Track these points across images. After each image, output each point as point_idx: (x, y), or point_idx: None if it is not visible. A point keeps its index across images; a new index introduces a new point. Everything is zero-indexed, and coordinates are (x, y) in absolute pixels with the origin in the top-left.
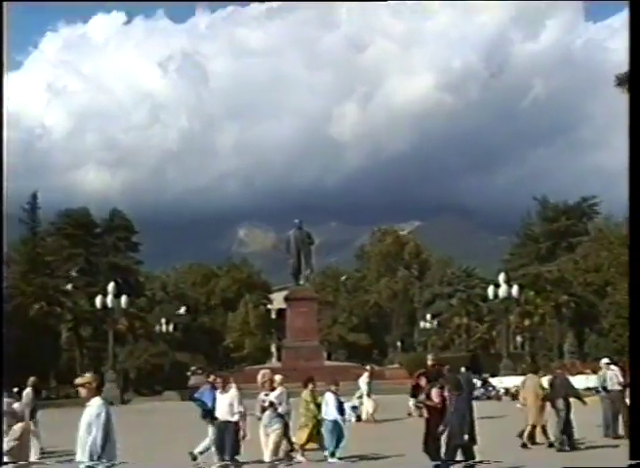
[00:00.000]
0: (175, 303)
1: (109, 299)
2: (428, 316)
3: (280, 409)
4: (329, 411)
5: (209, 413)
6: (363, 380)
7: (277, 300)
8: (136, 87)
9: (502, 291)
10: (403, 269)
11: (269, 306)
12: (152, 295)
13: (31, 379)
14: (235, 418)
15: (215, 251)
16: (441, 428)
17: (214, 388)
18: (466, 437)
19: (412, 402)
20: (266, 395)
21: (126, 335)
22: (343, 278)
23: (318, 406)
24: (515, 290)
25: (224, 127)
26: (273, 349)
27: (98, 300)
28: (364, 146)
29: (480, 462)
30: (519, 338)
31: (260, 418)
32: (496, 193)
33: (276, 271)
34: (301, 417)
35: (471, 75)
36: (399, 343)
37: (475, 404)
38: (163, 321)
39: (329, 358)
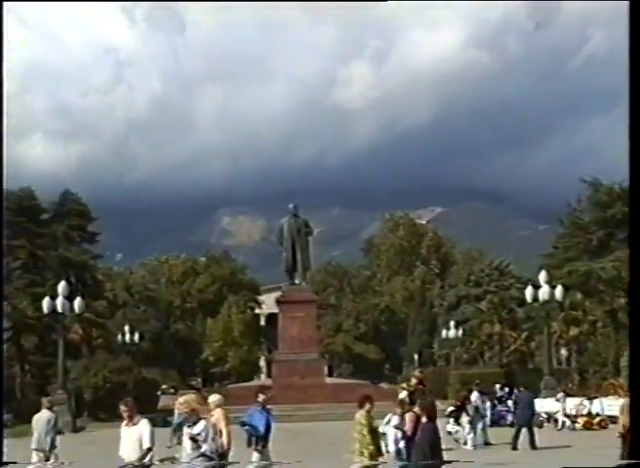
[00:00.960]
0: (142, 307)
1: (59, 302)
2: (452, 323)
3: (205, 448)
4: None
5: (261, 440)
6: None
7: (267, 303)
8: (95, 39)
9: (543, 292)
10: (420, 265)
11: (258, 310)
12: (114, 297)
13: None
14: (145, 459)
15: (192, 242)
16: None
17: (265, 410)
18: None
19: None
20: (189, 427)
21: (80, 347)
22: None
23: (374, 431)
24: (559, 291)
25: (205, 91)
26: (262, 363)
27: (45, 303)
28: (375, 117)
29: None
30: (564, 351)
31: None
32: (536, 173)
33: (266, 267)
34: (355, 443)
35: (511, 27)
36: (416, 356)
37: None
38: (127, 329)
39: (330, 374)
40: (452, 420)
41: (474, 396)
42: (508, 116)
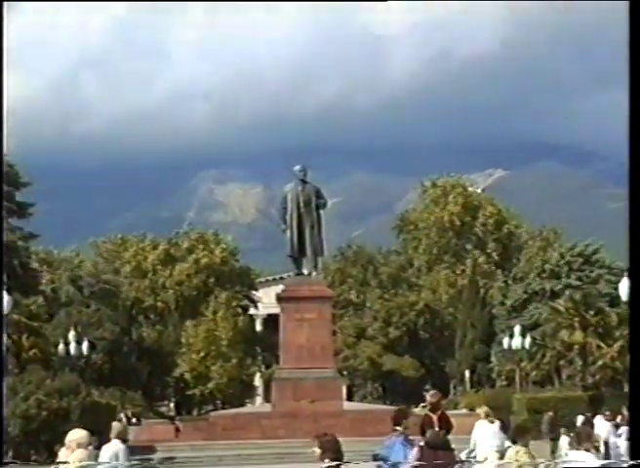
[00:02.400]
0: (93, 305)
1: None
2: (517, 328)
3: None
4: None
5: None
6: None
7: (265, 301)
8: None
9: None
10: (473, 250)
11: (253, 310)
12: (54, 292)
13: None
14: None
15: (164, 217)
16: None
17: (408, 441)
18: None
19: None
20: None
21: (6, 360)
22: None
23: None
24: None
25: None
26: (258, 382)
27: None
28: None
29: None
30: None
31: None
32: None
33: (264, 252)
34: None
35: None
36: (467, 373)
37: None
38: (72, 335)
39: (350, 397)
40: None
41: (602, 428)
42: (602, 46)
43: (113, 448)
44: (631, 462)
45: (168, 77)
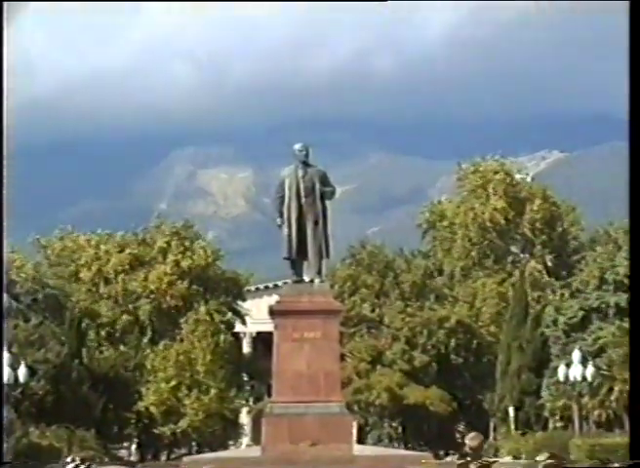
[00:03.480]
0: (33, 318)
1: None
2: (576, 354)
3: None
4: None
5: None
6: None
7: (255, 314)
8: None
9: None
10: (520, 253)
11: (239, 327)
12: None
13: None
14: None
15: (128, 207)
16: None
17: None
18: None
19: None
20: None
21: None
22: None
23: None
24: None
25: None
26: (245, 418)
27: None
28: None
29: None
30: None
31: None
32: None
33: (254, 253)
34: None
35: None
36: (511, 410)
37: None
38: (5, 357)
39: (362, 438)
40: None
41: None
42: None
43: None
44: (631, 462)
45: (138, 30)
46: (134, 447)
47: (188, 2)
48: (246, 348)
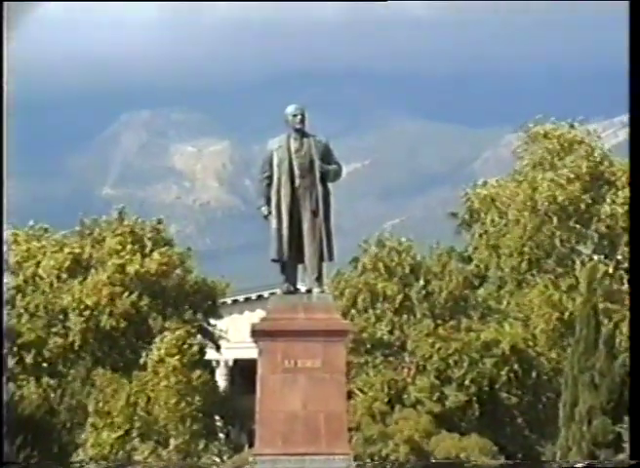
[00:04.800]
0: None
1: None
2: None
3: None
4: None
5: None
6: None
7: (233, 336)
8: None
9: None
10: (592, 254)
11: (212, 353)
12: None
13: None
14: None
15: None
16: None
17: None
18: None
19: None
20: None
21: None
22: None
23: None
24: None
25: None
26: None
27: None
28: None
29: None
30: None
31: None
32: None
33: (232, 252)
34: None
35: None
36: (580, 466)
37: None
38: None
39: None
40: None
41: None
42: None
43: None
44: (631, 462)
45: None
46: None
47: None
48: (220, 381)
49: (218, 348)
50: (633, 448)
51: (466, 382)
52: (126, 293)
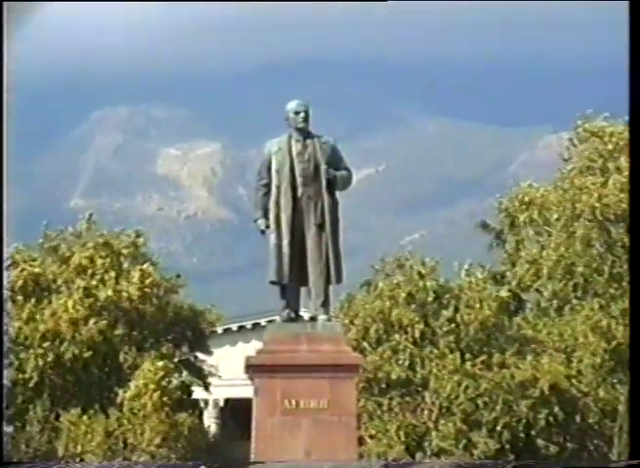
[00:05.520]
0: None
1: None
2: None
3: None
4: None
5: None
6: None
7: (224, 371)
8: None
9: None
10: None
11: (200, 392)
12: None
13: None
14: None
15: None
16: None
17: None
18: None
19: None
20: None
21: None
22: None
23: None
24: None
25: None
26: None
27: None
28: None
29: None
30: None
31: None
32: None
33: (224, 273)
34: None
35: None
36: None
37: None
38: None
39: None
40: None
41: None
42: None
43: None
44: (632, 462)
45: None
46: None
47: None
48: (209, 424)
49: (206, 386)
50: (633, 448)
51: (498, 427)
52: (92, 320)
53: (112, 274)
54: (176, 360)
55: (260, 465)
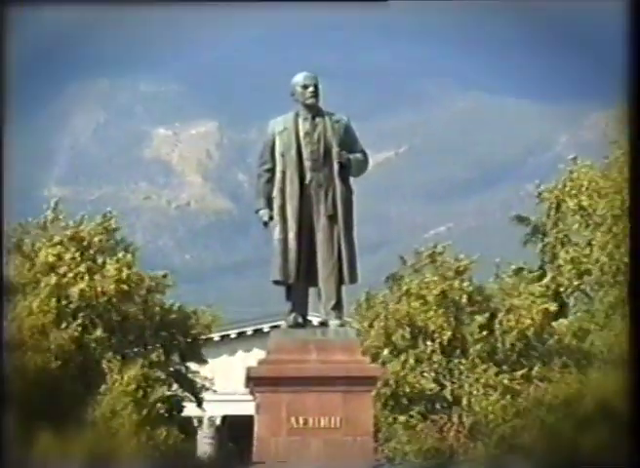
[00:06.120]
0: None
1: None
2: None
3: None
4: None
5: None
6: None
7: (220, 384)
8: None
9: None
10: None
11: (192, 409)
12: None
13: None
14: None
15: None
16: None
17: None
18: None
19: None
20: None
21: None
22: None
23: None
24: None
25: None
26: None
27: None
28: None
29: None
30: None
31: None
32: None
33: (221, 272)
34: None
35: None
36: None
37: None
38: None
39: None
40: None
41: None
42: None
43: None
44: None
45: None
46: None
47: None
48: (203, 446)
49: (199, 402)
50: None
51: (537, 452)
52: (63, 324)
53: (82, 268)
54: (158, 372)
55: None
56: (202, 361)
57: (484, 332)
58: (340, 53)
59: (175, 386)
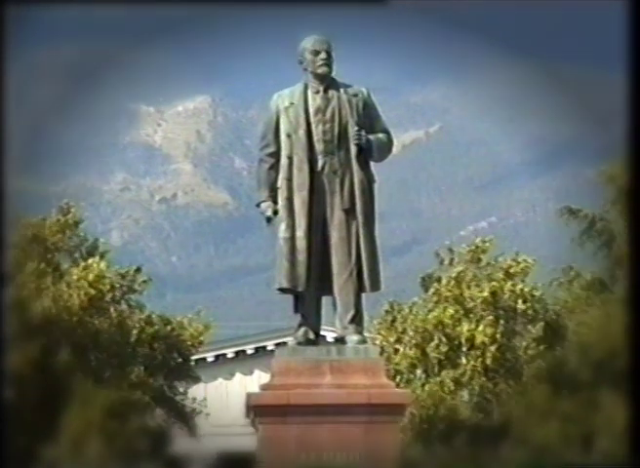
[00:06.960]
0: None
1: None
2: None
3: None
4: None
5: None
6: None
7: (215, 412)
8: None
9: None
10: None
11: (187, 443)
12: None
13: None
14: None
15: None
16: None
17: None
18: None
19: None
20: None
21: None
22: None
23: None
24: None
25: None
26: None
27: None
28: None
29: None
30: None
31: None
32: None
33: (215, 278)
34: None
35: None
36: None
37: None
38: None
39: None
40: None
41: None
42: None
43: None
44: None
45: None
46: None
47: None
48: None
49: (189, 428)
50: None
51: None
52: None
53: (47, 279)
54: (138, 393)
55: None
56: (192, 378)
57: (541, 347)
58: (362, 12)
59: (159, 412)
